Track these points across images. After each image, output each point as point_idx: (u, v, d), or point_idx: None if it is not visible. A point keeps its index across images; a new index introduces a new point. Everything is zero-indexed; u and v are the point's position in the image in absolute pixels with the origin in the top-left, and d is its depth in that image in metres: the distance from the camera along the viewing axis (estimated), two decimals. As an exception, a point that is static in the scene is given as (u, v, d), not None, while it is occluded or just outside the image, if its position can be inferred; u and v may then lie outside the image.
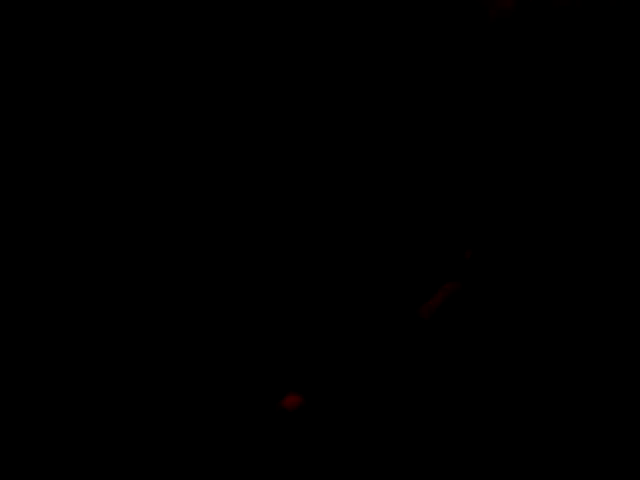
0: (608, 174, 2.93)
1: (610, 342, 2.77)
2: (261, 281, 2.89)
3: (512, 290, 2.86)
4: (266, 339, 2.86)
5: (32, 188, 2.88)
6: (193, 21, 2.96)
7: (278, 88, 3.02)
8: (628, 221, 2.88)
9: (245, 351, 2.87)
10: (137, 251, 2.91)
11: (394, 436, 2.67)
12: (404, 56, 3.03)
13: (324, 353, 2.82)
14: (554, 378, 2.69)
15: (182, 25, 2.96)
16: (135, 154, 2.94)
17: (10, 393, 2.75)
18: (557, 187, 2.95)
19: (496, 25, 3.03)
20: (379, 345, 2.79)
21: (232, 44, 2.99)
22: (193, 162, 2.97)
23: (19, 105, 2.90)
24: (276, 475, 2.65)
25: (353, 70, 3.02)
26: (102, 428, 2.73)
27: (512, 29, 3.03)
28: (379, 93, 3.03)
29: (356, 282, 2.91)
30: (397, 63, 3.03)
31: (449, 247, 2.90)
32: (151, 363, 2.83)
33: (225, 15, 2.99)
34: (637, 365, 2.71)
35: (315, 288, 2.89)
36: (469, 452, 2.62)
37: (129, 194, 2.93)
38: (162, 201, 2.94)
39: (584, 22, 3.05)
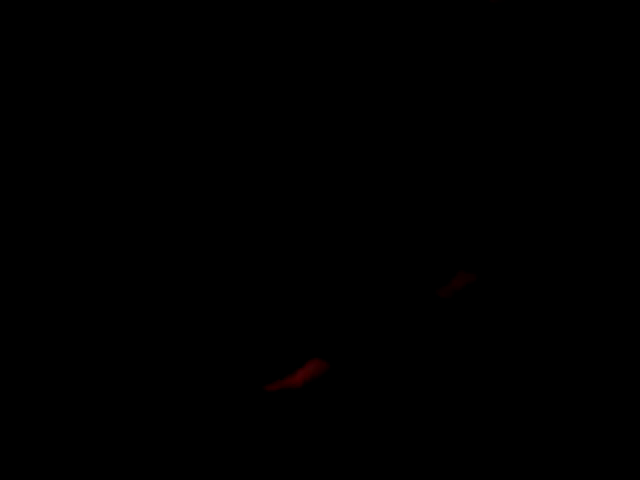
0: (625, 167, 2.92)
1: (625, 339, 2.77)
2: (278, 257, 2.90)
3: (528, 282, 2.86)
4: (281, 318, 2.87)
5: (32, 188, 2.89)
6: (193, 21, 2.96)
7: (277, 87, 3.02)
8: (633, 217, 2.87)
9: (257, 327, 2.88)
10: (136, 249, 2.92)
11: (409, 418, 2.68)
12: (397, 47, 3.02)
13: (343, 328, 2.83)
14: (566, 374, 2.69)
15: (181, 25, 2.96)
16: (134, 154, 2.95)
17: (10, 393, 2.76)
18: (574, 181, 2.93)
19: (497, 6, 3.01)
20: (397, 321, 2.81)
21: (232, 44, 2.99)
22: (192, 162, 2.97)
23: (18, 105, 2.90)
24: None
25: (347, 61, 3.02)
26: (99, 422, 2.75)
27: (516, 10, 3.01)
28: (377, 82, 3.03)
29: (372, 264, 2.93)
30: (391, 53, 3.02)
31: (465, 236, 2.91)
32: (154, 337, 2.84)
33: (225, 15, 2.99)
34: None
35: (334, 270, 2.90)
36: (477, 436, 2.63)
37: (128, 194, 2.94)
38: (161, 201, 2.95)
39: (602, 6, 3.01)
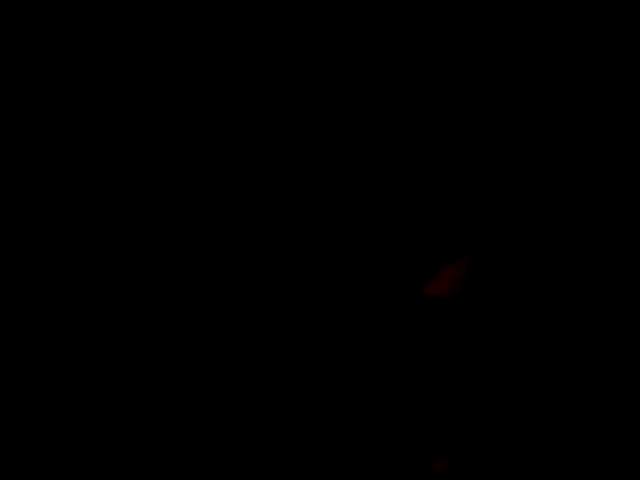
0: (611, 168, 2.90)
1: (611, 338, 2.75)
2: (265, 266, 2.89)
3: (513, 277, 2.83)
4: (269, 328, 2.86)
5: (32, 188, 2.89)
6: (193, 21, 2.96)
7: (278, 88, 3.02)
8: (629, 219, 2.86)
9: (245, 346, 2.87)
10: (137, 251, 2.91)
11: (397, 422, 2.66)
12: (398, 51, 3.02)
13: (330, 341, 2.80)
14: (558, 373, 2.67)
15: (182, 25, 2.96)
16: (134, 154, 2.94)
17: (10, 393, 2.75)
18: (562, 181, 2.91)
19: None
20: (387, 323, 2.78)
21: (232, 44, 2.99)
22: (193, 162, 2.97)
23: (19, 105, 2.90)
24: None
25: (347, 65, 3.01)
26: (102, 428, 2.73)
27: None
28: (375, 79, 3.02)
29: (358, 265, 2.90)
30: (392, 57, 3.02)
31: (452, 234, 2.89)
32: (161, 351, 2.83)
33: (225, 15, 2.99)
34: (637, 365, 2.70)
35: (318, 275, 2.88)
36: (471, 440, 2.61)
37: (128, 194, 2.93)
38: (162, 201, 2.94)
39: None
